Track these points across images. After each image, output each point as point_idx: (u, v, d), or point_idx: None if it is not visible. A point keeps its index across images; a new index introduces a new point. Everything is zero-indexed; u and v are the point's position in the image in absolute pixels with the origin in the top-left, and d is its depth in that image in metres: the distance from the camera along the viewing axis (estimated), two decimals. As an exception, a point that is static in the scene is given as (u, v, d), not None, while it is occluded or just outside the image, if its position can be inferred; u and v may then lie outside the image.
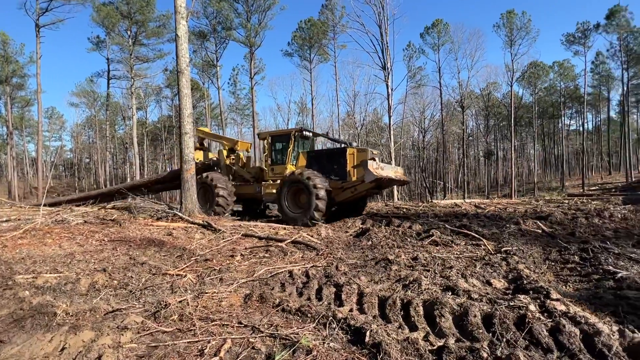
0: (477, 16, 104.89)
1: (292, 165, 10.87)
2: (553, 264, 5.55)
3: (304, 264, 5.53)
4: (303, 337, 3.10)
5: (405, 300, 3.88)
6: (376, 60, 26.47)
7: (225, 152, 12.86)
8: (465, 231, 7.12)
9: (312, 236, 7.68)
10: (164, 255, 6.18)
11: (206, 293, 4.19)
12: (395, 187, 22.52)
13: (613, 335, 2.96)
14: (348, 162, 9.75)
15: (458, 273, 4.76)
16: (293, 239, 7.14)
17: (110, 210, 11.21)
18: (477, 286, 4.43)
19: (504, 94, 52.47)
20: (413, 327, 3.46)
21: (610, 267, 4.80)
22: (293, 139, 10.87)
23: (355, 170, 9.63)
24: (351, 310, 3.87)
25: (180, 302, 3.89)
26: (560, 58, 54.94)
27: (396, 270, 5.09)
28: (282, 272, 5.16)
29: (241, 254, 6.31)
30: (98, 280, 4.73)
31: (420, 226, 8.14)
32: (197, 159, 12.97)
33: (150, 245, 6.70)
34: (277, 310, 3.78)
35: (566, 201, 15.47)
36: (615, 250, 5.62)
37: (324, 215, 9.56)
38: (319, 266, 5.37)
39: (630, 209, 10.65)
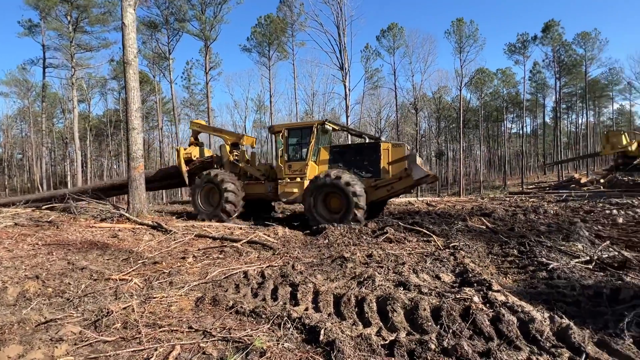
0: (431, 22, 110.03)
1: (313, 161, 9.92)
2: (495, 257, 5.95)
3: (260, 264, 5.44)
4: (257, 339, 3.04)
5: (359, 297, 3.95)
6: (334, 60, 26.84)
7: (228, 148, 11.53)
8: (417, 228, 7.42)
9: (268, 235, 7.59)
10: (107, 259, 5.77)
11: (154, 298, 3.96)
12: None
13: (545, 322, 3.23)
14: (382, 157, 9.20)
15: (410, 269, 4.94)
16: (249, 238, 7.00)
17: (46, 211, 10.26)
18: (427, 281, 4.63)
19: (453, 97, 55.50)
20: (367, 323, 3.53)
21: (544, 259, 5.25)
22: (315, 133, 9.78)
23: (392, 166, 9.11)
24: (307, 309, 3.87)
25: (124, 308, 3.64)
26: (504, 66, 59.28)
27: (351, 267, 5.17)
28: (237, 273, 5.04)
29: (194, 256, 6.06)
30: (29, 288, 4.30)
31: (375, 224, 8.35)
32: (194, 156, 12.34)
33: (92, 249, 6.22)
34: (231, 313, 3.68)
35: (507, 199, 16.74)
36: (548, 244, 6.15)
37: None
38: (275, 266, 5.32)
39: (561, 205, 11.74)
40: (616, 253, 5.24)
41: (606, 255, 5.27)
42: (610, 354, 2.83)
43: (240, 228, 8.62)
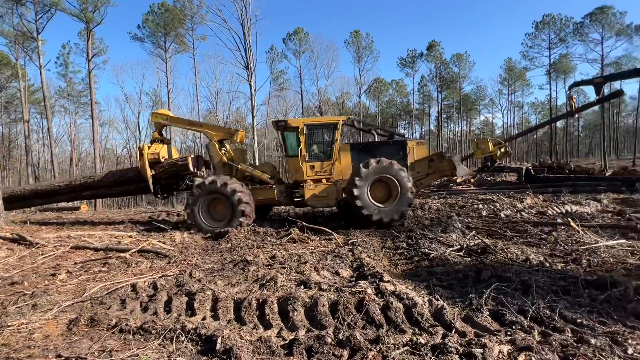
0: (333, 31, 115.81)
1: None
2: (388, 250, 6.53)
3: (152, 275, 4.96)
4: (144, 357, 2.75)
5: (261, 300, 3.90)
6: (239, 58, 26.17)
7: (217, 146, 9.63)
8: (320, 227, 7.69)
9: (164, 243, 6.97)
10: (-60, 284, 4.56)
11: (9, 327, 3.27)
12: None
13: (425, 305, 3.65)
14: (409, 155, 9.12)
15: (311, 267, 5.08)
16: (139, 247, 6.31)
17: None
18: (328, 277, 4.82)
19: (355, 103, 59.39)
20: (268, 325, 3.50)
21: (426, 250, 5.96)
22: (340, 130, 9.00)
23: (418, 163, 9.17)
24: (204, 318, 3.66)
25: (-38, 345, 2.91)
26: (397, 77, 65.96)
27: (254, 270, 5.08)
28: (124, 286, 4.49)
29: (68, 271, 5.20)
30: None
31: (279, 224, 8.38)
32: (162, 157, 9.86)
33: None
34: (113, 333, 3.25)
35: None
36: (430, 236, 7.00)
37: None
38: (170, 275, 4.90)
39: (442, 202, 13.51)
40: (479, 241, 6.24)
41: (473, 243, 6.24)
42: (472, 326, 3.34)
43: (130, 236, 7.72)
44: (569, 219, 7.58)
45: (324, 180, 9.01)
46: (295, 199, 9.15)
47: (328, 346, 2.82)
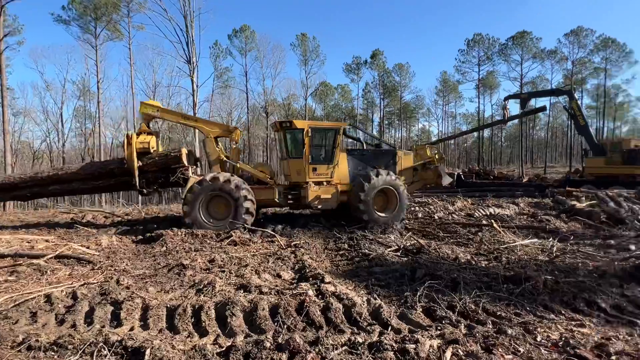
0: (280, 32, 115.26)
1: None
2: (330, 252, 6.62)
3: (72, 283, 4.46)
4: (57, 377, 2.44)
5: (197, 306, 3.70)
6: (181, 52, 24.83)
7: (214, 143, 9.09)
8: (262, 229, 7.55)
9: (87, 247, 6.31)
10: None
11: None
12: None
13: (363, 305, 3.75)
14: (397, 164, 9.75)
15: (252, 270, 4.96)
16: (57, 253, 5.64)
17: None
18: (269, 280, 4.74)
19: (301, 105, 59.69)
20: (204, 333, 3.33)
21: (366, 251, 6.15)
22: (341, 136, 9.19)
23: (404, 172, 9.84)
24: (132, 328, 3.37)
25: None
26: (343, 82, 67.54)
27: (191, 275, 4.82)
28: (35, 297, 3.97)
29: (-37, 282, 4.47)
30: None
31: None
32: (152, 148, 8.81)
33: None
34: (20, 351, 2.85)
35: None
36: (370, 237, 7.24)
37: None
38: (94, 283, 4.45)
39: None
40: (415, 241, 6.60)
41: (409, 244, 6.58)
42: (407, 323, 3.51)
43: (47, 240, 6.88)
44: (492, 221, 8.34)
45: (324, 183, 9.08)
46: (292, 201, 9.10)
47: (267, 351, 2.76)
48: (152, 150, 8.84)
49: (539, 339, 3.05)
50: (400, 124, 66.29)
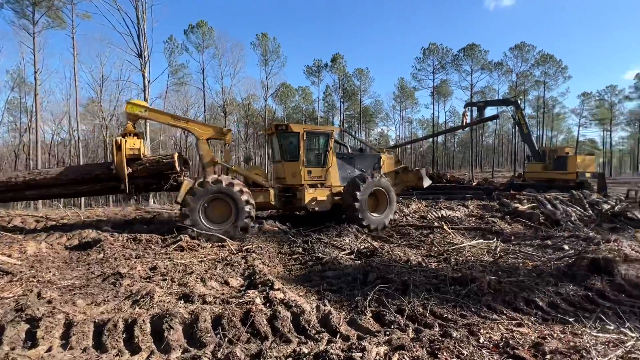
0: (240, 31, 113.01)
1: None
2: (284, 256, 6.44)
3: (-18, 298, 3.89)
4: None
5: (130, 320, 3.36)
6: (131, 45, 23.35)
7: (207, 145, 8.94)
8: (214, 233, 7.20)
9: (9, 255, 5.60)
10: None
11: None
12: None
13: (312, 312, 3.62)
14: (382, 167, 10.30)
15: (198, 278, 4.65)
16: (-32, 262, 4.94)
17: None
18: (215, 288, 4.47)
19: (262, 106, 58.82)
20: (135, 350, 3.02)
21: (320, 254, 6.05)
22: (334, 139, 9.59)
23: (387, 175, 10.21)
24: (50, 349, 2.97)
25: None
26: (304, 85, 67.53)
27: (128, 285, 4.41)
28: None
29: None
30: None
31: (167, 231, 7.60)
32: (143, 153, 8.41)
33: None
34: None
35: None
36: (325, 240, 7.16)
37: None
38: (9, 297, 3.92)
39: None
40: (369, 244, 6.61)
41: (363, 247, 6.58)
42: (356, 329, 3.43)
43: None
44: (443, 223, 8.61)
45: (319, 185, 9.32)
46: (285, 203, 9.26)
47: (203, 368, 2.54)
48: (142, 156, 8.42)
49: (481, 340, 3.10)
50: (360, 127, 67.55)
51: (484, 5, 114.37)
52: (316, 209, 9.19)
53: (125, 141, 8.15)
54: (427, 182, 11.08)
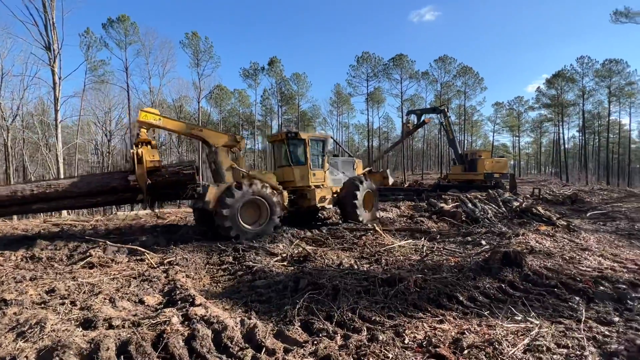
0: (170, 28, 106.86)
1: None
2: (212, 267, 6.03)
3: None
4: None
5: (9, 358, 2.79)
6: (37, 35, 20.62)
7: (225, 152, 9.20)
8: (130, 246, 6.50)
9: None
10: None
11: None
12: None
13: (236, 327, 3.36)
14: (356, 170, 11.70)
15: (106, 298, 4.10)
16: None
17: None
18: (127, 309, 3.96)
19: (195, 108, 56.06)
20: (13, 395, 2.50)
21: (251, 263, 5.76)
22: (328, 145, 10.77)
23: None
24: None
25: None
26: (241, 87, 65.83)
27: (14, 314, 3.71)
28: None
29: None
30: None
31: (76, 244, 6.69)
32: (153, 158, 8.12)
33: None
34: None
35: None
36: (257, 247, 6.87)
37: None
38: None
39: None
40: (302, 249, 6.48)
41: (296, 252, 6.43)
42: (283, 341, 3.24)
43: None
44: (374, 224, 8.83)
45: (321, 186, 10.32)
46: (294, 203, 9.99)
47: (96, 409, 2.15)
48: (159, 164, 8.31)
49: (406, 341, 3.12)
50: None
51: (409, 18, 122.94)
52: (326, 206, 10.35)
53: (136, 146, 8.03)
54: (391, 180, 12.84)
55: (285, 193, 9.61)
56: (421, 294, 4.29)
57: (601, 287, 4.53)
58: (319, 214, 11.94)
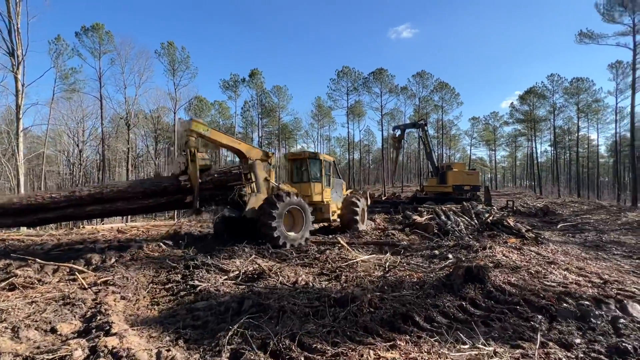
0: (149, 38, 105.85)
1: None
2: (156, 286, 5.47)
3: None
4: None
5: None
6: (0, 42, 19.65)
7: (262, 165, 9.76)
8: (62, 264, 5.86)
9: None
10: None
11: None
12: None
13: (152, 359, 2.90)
14: (343, 190, 12.78)
15: (8, 327, 3.52)
16: None
17: None
18: (32, 339, 3.40)
19: (172, 119, 54.88)
20: None
21: (196, 282, 5.25)
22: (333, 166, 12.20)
23: None
24: None
25: None
26: (220, 99, 65.02)
27: None
28: None
29: None
30: None
31: (7, 262, 6.00)
32: (204, 158, 8.73)
33: None
34: None
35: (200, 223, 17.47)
36: (211, 263, 6.35)
37: None
38: None
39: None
40: (257, 265, 6.03)
41: (251, 268, 5.96)
42: (205, 376, 2.80)
43: None
44: (339, 238, 8.46)
45: (330, 201, 11.49)
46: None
47: None
48: (211, 170, 8.88)
49: (345, 373, 2.72)
50: (279, 144, 67.50)
51: (387, 35, 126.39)
52: (337, 219, 11.75)
53: (196, 152, 8.44)
54: (368, 200, 14.66)
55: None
56: (374, 315, 3.92)
57: (564, 304, 4.28)
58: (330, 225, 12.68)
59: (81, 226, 18.08)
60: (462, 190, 22.80)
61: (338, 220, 11.87)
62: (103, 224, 18.35)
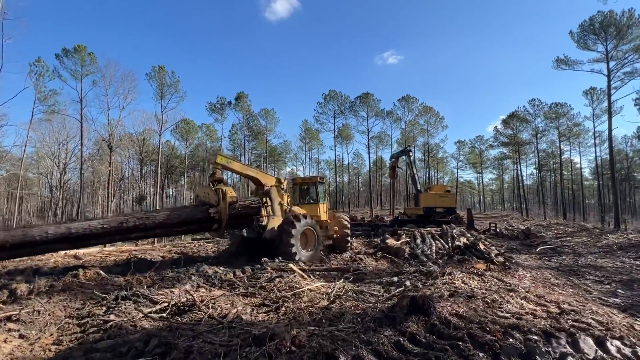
0: (133, 61, 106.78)
1: None
2: (72, 320, 4.90)
3: None
4: None
5: None
6: (-27, 62, 19.38)
7: (277, 191, 10.92)
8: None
9: None
10: None
11: None
12: None
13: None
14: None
15: None
16: None
17: None
18: None
19: (158, 142, 54.44)
20: None
21: (112, 316, 4.71)
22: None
23: None
24: None
25: None
26: (208, 122, 64.97)
27: None
28: None
29: None
30: None
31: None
32: (232, 195, 10.06)
33: None
34: None
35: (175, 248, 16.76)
36: (144, 293, 5.79)
37: None
38: None
39: (217, 249, 12.67)
40: (191, 296, 5.49)
41: (184, 299, 5.42)
42: None
43: None
44: (291, 265, 7.96)
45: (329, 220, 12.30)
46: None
47: None
48: (235, 202, 9.97)
49: None
50: (267, 166, 67.25)
51: (374, 61, 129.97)
52: (338, 236, 12.04)
53: (212, 183, 10.09)
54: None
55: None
56: (293, 356, 3.44)
57: (511, 339, 3.85)
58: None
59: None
60: (433, 213, 22.33)
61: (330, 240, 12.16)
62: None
